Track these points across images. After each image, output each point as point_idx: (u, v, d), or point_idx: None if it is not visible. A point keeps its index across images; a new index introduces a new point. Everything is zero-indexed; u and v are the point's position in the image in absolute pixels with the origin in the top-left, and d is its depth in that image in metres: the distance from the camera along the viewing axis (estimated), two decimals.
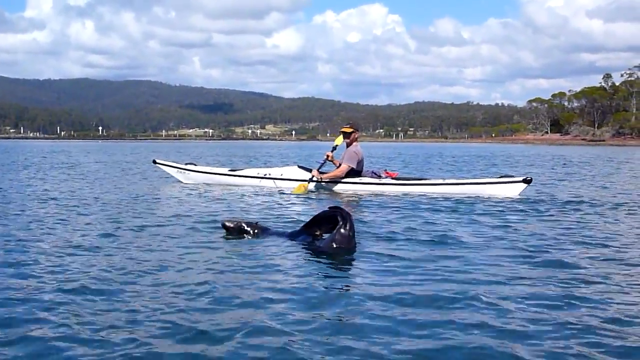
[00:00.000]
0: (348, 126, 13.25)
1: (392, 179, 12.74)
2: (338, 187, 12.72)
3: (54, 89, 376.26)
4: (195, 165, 14.87)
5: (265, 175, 13.55)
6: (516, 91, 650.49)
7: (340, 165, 12.80)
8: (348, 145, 12.98)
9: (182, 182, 14.46)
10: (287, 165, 15.62)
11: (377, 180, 12.65)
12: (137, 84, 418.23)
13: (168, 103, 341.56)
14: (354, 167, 12.71)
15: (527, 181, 12.21)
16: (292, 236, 7.15)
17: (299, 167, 13.62)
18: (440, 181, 12.93)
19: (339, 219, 6.53)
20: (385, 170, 13.37)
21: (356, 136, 13.10)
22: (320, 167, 12.97)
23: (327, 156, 12.98)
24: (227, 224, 7.37)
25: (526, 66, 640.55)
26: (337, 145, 13.26)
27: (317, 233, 6.94)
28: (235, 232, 7.29)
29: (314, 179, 12.73)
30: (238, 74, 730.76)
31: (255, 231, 7.31)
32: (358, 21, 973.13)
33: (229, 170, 14.39)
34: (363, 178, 12.71)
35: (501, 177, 12.82)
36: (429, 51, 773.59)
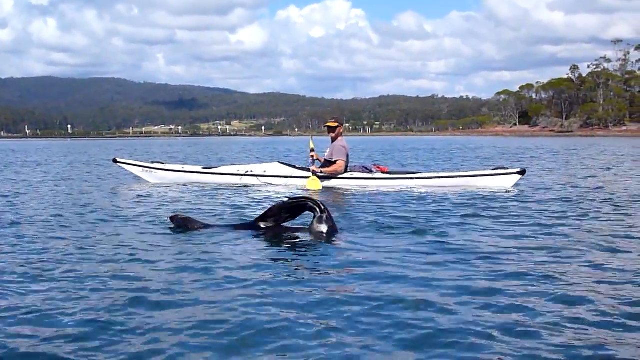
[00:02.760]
0: (333, 121, 13.00)
1: (383, 173, 12.49)
2: (329, 183, 12.32)
3: (17, 87, 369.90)
4: (163, 163, 14.10)
5: (247, 172, 12.95)
6: (480, 84, 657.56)
7: (335, 161, 12.34)
8: (333, 140, 12.71)
9: (149, 182, 13.60)
10: (265, 162, 15.18)
11: (368, 175, 12.37)
12: (101, 82, 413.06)
13: (132, 100, 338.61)
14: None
15: (521, 172, 12.32)
16: (249, 228, 6.91)
17: (281, 163, 13.32)
18: (434, 174, 12.70)
19: (314, 207, 6.46)
20: (376, 164, 13.18)
21: (341, 130, 12.84)
22: (314, 165, 12.53)
23: (313, 156, 12.66)
24: (176, 217, 7.22)
25: (489, 59, 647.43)
26: (313, 149, 12.77)
27: (272, 225, 6.76)
28: (183, 227, 7.07)
29: (317, 174, 12.25)
30: (202, 70, 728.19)
31: (204, 226, 7.12)
32: (321, 16, 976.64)
33: (203, 168, 13.71)
34: (354, 173, 12.42)
35: (495, 169, 12.77)
36: (392, 45, 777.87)
